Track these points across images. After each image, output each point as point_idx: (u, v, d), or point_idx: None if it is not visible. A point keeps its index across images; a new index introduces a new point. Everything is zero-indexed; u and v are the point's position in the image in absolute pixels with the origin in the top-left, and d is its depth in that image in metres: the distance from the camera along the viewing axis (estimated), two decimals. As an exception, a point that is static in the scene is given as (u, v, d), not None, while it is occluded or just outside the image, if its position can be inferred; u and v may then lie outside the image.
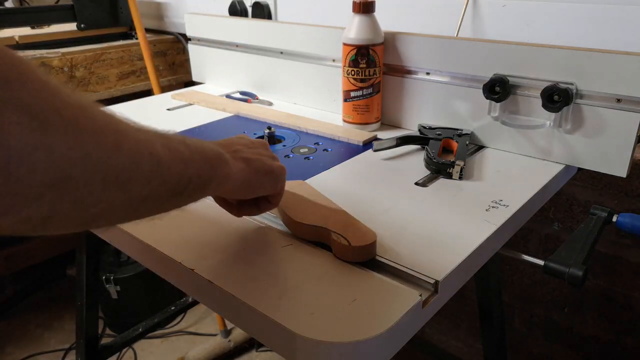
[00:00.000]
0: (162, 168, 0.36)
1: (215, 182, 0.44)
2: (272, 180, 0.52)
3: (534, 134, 0.76)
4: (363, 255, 0.51)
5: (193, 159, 0.40)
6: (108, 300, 1.68)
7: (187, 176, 0.39)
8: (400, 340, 0.45)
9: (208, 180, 0.42)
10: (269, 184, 0.52)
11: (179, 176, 0.38)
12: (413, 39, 0.85)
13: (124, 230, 0.58)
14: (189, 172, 0.39)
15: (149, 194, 0.35)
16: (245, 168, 0.48)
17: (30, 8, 1.66)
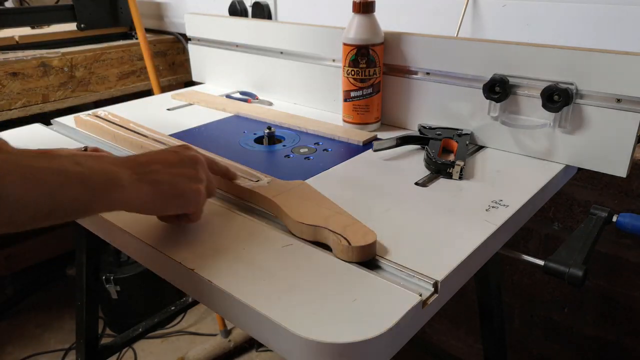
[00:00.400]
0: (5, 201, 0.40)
1: (98, 205, 0.47)
2: (183, 203, 0.53)
3: (534, 134, 0.76)
4: (363, 256, 0.51)
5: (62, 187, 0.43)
6: (108, 300, 1.68)
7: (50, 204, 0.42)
8: (400, 340, 0.45)
9: (86, 204, 0.45)
10: (178, 207, 0.53)
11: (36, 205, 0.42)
12: (413, 39, 0.85)
13: (124, 230, 0.58)
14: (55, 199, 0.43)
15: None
16: (150, 191, 0.50)
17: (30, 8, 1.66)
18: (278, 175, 0.68)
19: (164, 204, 0.52)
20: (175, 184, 0.52)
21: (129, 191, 0.48)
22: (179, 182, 0.52)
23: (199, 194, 0.54)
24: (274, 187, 0.64)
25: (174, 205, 0.53)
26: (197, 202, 0.54)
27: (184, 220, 0.56)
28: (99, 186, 0.46)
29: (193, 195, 0.53)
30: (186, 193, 0.53)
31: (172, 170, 0.53)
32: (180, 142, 0.64)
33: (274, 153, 0.83)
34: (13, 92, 1.25)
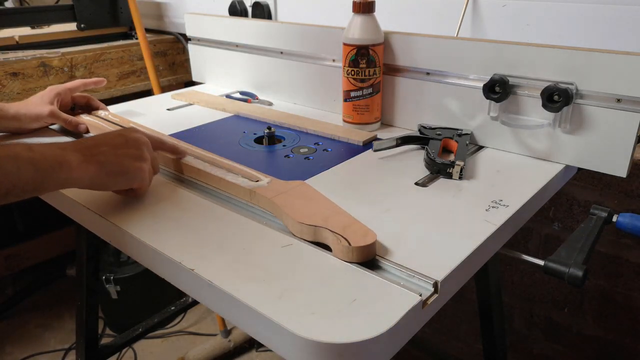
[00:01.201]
0: None
1: (50, 185, 0.54)
2: (127, 179, 0.61)
3: (534, 134, 0.76)
4: (363, 256, 0.51)
5: (19, 171, 0.51)
6: (108, 300, 1.68)
7: (6, 186, 0.50)
8: (400, 340, 0.45)
9: (39, 184, 0.53)
10: (124, 183, 0.61)
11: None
12: (413, 39, 0.85)
13: (124, 230, 0.58)
14: (11, 181, 0.50)
15: None
16: (96, 170, 0.58)
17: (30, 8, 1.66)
18: (278, 175, 0.68)
19: (110, 181, 0.60)
20: (120, 163, 0.60)
21: (77, 171, 0.56)
22: (123, 161, 0.60)
23: (142, 171, 0.62)
24: (274, 187, 0.64)
25: (119, 182, 0.61)
26: (141, 178, 0.62)
27: (131, 193, 0.64)
28: (49, 168, 0.53)
29: (137, 173, 0.61)
30: (130, 171, 0.61)
31: (117, 152, 0.60)
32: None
33: (274, 153, 0.83)
34: (13, 92, 1.25)
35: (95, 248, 1.08)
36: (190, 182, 0.71)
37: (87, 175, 0.57)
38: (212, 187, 0.69)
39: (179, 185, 0.70)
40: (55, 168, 0.54)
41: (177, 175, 0.73)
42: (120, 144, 0.61)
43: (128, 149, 0.61)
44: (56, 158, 0.54)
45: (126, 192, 0.64)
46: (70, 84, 0.93)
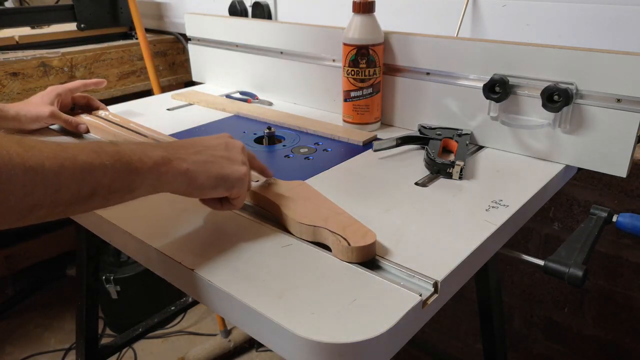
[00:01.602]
0: (46, 179, 0.39)
1: (143, 186, 0.46)
2: (227, 184, 0.53)
3: (534, 134, 0.76)
4: (363, 256, 0.51)
5: (104, 167, 0.43)
6: (108, 300, 1.68)
7: (92, 184, 0.42)
8: (400, 340, 0.45)
9: (129, 184, 0.45)
10: (223, 188, 0.53)
11: (79, 184, 0.41)
12: (413, 39, 0.85)
13: (124, 230, 0.58)
14: (95, 179, 0.42)
15: (36, 202, 0.39)
16: (194, 172, 0.50)
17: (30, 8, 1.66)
18: (278, 175, 0.68)
19: (209, 185, 0.52)
20: (221, 166, 0.52)
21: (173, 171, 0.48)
22: (224, 164, 0.53)
23: (245, 177, 0.54)
24: (274, 187, 0.64)
25: (218, 187, 0.52)
26: (241, 185, 0.54)
27: (226, 205, 0.56)
28: (138, 163, 0.45)
29: (238, 178, 0.53)
30: (231, 175, 0.53)
31: (216, 153, 0.53)
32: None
33: (274, 153, 0.83)
34: (13, 92, 1.25)
35: (95, 248, 1.08)
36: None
37: (184, 176, 0.49)
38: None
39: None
40: (148, 165, 0.46)
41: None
42: (218, 146, 0.55)
43: (228, 152, 0.54)
44: (147, 153, 0.47)
45: (221, 203, 0.56)
46: (70, 84, 0.93)
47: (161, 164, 0.47)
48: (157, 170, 0.47)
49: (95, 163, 0.42)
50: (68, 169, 0.40)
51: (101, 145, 0.44)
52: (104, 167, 0.43)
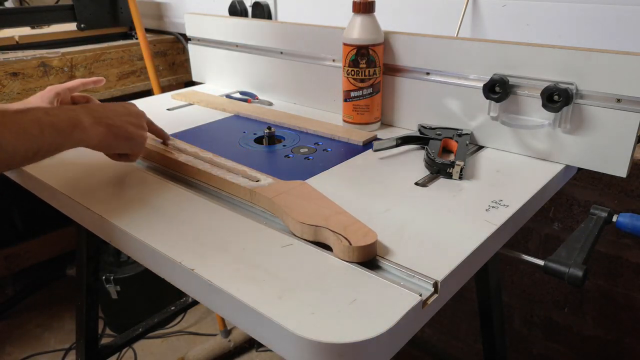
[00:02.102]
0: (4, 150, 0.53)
1: (68, 144, 0.60)
2: (130, 144, 0.67)
3: (534, 134, 0.76)
4: (364, 256, 0.51)
5: (43, 134, 0.56)
6: (108, 300, 1.68)
7: (34, 148, 0.56)
8: (400, 340, 0.45)
9: (60, 145, 0.59)
10: (126, 147, 0.67)
11: (25, 150, 0.55)
12: (413, 39, 0.85)
13: (124, 230, 0.58)
14: (37, 144, 0.56)
15: None
16: (105, 132, 0.63)
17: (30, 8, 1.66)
18: (278, 175, 0.68)
19: (115, 143, 0.65)
20: (125, 128, 0.66)
21: (89, 131, 0.62)
22: (128, 127, 0.67)
23: (143, 138, 0.70)
24: (274, 187, 0.64)
25: (123, 145, 0.67)
26: (141, 145, 0.69)
27: (124, 158, 0.70)
28: (67, 129, 0.59)
29: (138, 139, 0.68)
30: (134, 136, 0.67)
31: (122, 118, 0.67)
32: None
33: (274, 153, 0.83)
34: (13, 92, 1.25)
35: (95, 248, 1.08)
36: (190, 182, 0.71)
37: (97, 136, 0.62)
38: (212, 187, 0.69)
39: (179, 185, 0.70)
40: (72, 129, 0.60)
41: (177, 175, 0.73)
42: (124, 112, 0.68)
43: (130, 117, 0.68)
44: (72, 120, 0.60)
45: (120, 157, 0.70)
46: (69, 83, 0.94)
47: (83, 128, 0.61)
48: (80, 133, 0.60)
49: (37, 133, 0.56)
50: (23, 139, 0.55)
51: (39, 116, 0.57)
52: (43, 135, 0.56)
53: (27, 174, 0.75)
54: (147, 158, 0.78)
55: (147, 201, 0.65)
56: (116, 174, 0.73)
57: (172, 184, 0.70)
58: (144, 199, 0.66)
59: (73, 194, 0.67)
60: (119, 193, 0.68)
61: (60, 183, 0.70)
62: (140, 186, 0.69)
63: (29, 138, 0.55)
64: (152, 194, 0.67)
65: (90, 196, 0.66)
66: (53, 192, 0.70)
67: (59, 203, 0.71)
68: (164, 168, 0.76)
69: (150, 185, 0.70)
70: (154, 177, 0.72)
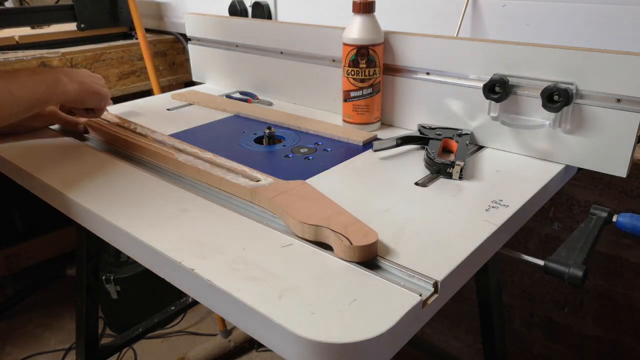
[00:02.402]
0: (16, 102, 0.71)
1: (54, 97, 0.77)
2: (98, 98, 0.84)
3: (534, 134, 0.76)
4: (365, 255, 0.51)
5: (36, 87, 0.73)
6: (108, 300, 1.67)
7: (32, 98, 0.73)
8: (400, 340, 0.45)
9: (49, 97, 0.76)
10: (95, 100, 0.84)
11: (26, 99, 0.72)
12: (413, 39, 0.85)
13: (124, 230, 0.58)
14: (34, 95, 0.73)
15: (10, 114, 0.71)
16: (78, 87, 0.80)
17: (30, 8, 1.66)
18: (278, 175, 0.68)
19: (87, 98, 0.82)
20: (93, 85, 0.83)
21: (67, 87, 0.78)
22: (94, 85, 0.83)
23: (107, 95, 0.86)
24: (274, 187, 0.64)
25: (93, 100, 0.83)
26: (106, 100, 0.86)
27: (91, 114, 0.86)
28: (52, 84, 0.76)
29: (105, 95, 0.85)
30: (101, 92, 0.84)
31: (89, 78, 0.83)
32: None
33: (274, 153, 0.83)
34: (13, 92, 1.25)
35: (95, 248, 1.08)
36: (189, 182, 0.71)
37: (73, 91, 0.79)
38: (212, 187, 0.69)
39: (179, 185, 0.70)
40: (56, 84, 0.76)
41: (177, 175, 0.74)
42: (89, 74, 0.84)
43: (94, 79, 0.85)
44: (54, 77, 0.76)
45: (88, 113, 0.86)
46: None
47: (63, 84, 0.77)
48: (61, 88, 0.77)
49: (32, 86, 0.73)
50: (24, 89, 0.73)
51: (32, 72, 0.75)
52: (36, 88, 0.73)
53: (27, 173, 0.75)
54: (148, 158, 0.78)
55: (147, 201, 0.65)
56: (117, 174, 0.73)
57: (172, 184, 0.70)
58: (144, 199, 0.66)
59: (73, 194, 0.67)
60: (119, 193, 0.68)
61: (60, 183, 0.70)
62: (140, 187, 0.69)
63: (29, 89, 0.72)
64: (152, 194, 0.67)
65: (90, 196, 0.67)
66: (53, 192, 0.70)
67: (59, 203, 0.71)
68: (164, 168, 0.76)
69: (150, 185, 0.70)
70: (154, 178, 0.72)
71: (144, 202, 0.65)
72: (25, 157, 0.79)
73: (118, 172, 0.74)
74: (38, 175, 0.73)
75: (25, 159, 0.79)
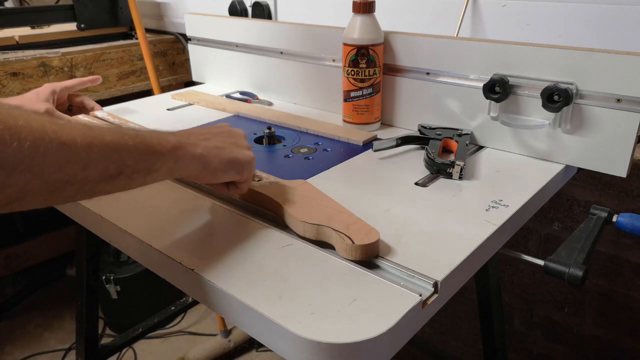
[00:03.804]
0: (77, 154, 0.40)
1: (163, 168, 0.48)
2: (237, 168, 0.55)
3: (534, 134, 0.76)
4: (367, 254, 0.51)
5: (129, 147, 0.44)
6: (108, 300, 1.68)
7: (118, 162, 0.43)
8: (400, 340, 0.45)
9: (150, 166, 0.47)
10: (233, 172, 0.55)
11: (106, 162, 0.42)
12: (413, 39, 0.85)
13: (124, 230, 0.58)
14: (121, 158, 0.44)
15: (68, 178, 0.40)
16: (207, 156, 0.52)
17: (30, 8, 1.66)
18: (278, 175, 0.68)
19: (221, 169, 0.53)
20: (231, 150, 0.55)
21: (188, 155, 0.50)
22: (233, 148, 0.55)
23: (253, 161, 0.58)
24: (276, 187, 0.64)
25: (230, 170, 0.55)
26: (250, 169, 0.57)
27: (232, 189, 0.58)
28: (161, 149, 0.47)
29: (248, 161, 0.57)
30: (240, 159, 0.55)
31: (225, 140, 0.56)
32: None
33: (274, 153, 0.83)
34: (13, 92, 1.25)
35: (95, 248, 1.08)
36: (189, 182, 0.71)
37: (199, 160, 0.51)
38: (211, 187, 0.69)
39: (179, 185, 0.70)
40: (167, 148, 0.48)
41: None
42: (224, 133, 0.57)
43: (234, 139, 0.57)
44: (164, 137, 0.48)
45: (228, 187, 0.58)
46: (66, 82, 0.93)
47: (178, 147, 0.49)
48: (175, 153, 0.49)
49: (121, 142, 0.44)
50: (97, 146, 0.41)
51: (123, 128, 0.46)
52: (128, 147, 0.44)
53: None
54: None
55: (147, 201, 0.65)
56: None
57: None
58: (144, 199, 0.66)
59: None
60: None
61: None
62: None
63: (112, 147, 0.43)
64: (152, 194, 0.67)
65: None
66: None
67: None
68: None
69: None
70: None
71: (144, 202, 0.65)
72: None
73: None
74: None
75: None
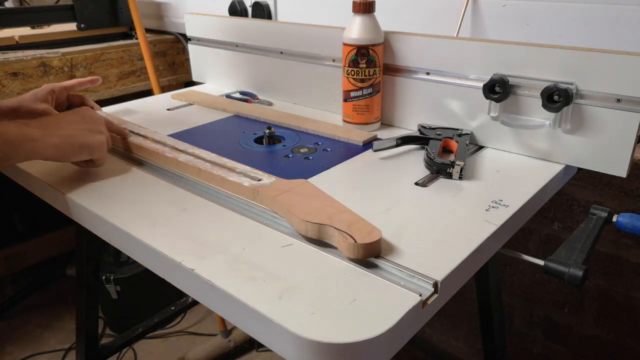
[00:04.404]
0: None
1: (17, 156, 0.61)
2: (89, 150, 0.68)
3: (534, 134, 0.76)
4: (369, 253, 0.51)
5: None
6: (108, 300, 1.68)
7: None
8: (400, 340, 0.45)
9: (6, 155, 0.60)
10: (85, 154, 0.68)
11: None
12: (413, 39, 0.85)
13: (124, 230, 0.58)
14: None
15: None
16: (58, 143, 0.65)
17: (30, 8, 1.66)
18: (278, 175, 0.68)
19: (73, 152, 0.67)
20: (80, 136, 0.67)
21: (40, 143, 0.63)
22: (83, 134, 0.68)
23: (102, 144, 0.70)
24: (277, 186, 0.64)
25: (81, 153, 0.68)
26: (102, 150, 0.70)
27: (90, 165, 0.71)
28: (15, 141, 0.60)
29: (97, 145, 0.69)
30: (91, 144, 0.68)
31: (76, 126, 0.68)
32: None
33: (274, 153, 0.83)
34: (13, 92, 1.25)
35: (95, 248, 1.08)
36: (189, 182, 0.71)
37: (50, 147, 0.64)
38: (211, 187, 0.69)
39: (179, 185, 0.70)
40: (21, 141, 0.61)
41: (177, 176, 0.73)
42: (78, 120, 0.69)
43: (88, 124, 0.69)
44: (20, 132, 0.62)
45: (86, 163, 0.71)
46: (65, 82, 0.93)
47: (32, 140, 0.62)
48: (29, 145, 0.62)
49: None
50: None
51: None
52: None
53: (27, 173, 0.75)
54: (148, 158, 0.78)
55: (147, 201, 0.65)
56: (116, 175, 0.73)
57: (171, 184, 0.70)
58: (144, 199, 0.66)
59: (73, 194, 0.67)
60: (119, 194, 0.68)
61: (60, 183, 0.70)
62: (140, 187, 0.69)
63: None
64: (152, 194, 0.67)
65: (90, 196, 0.67)
66: (53, 192, 0.70)
67: (59, 203, 0.71)
68: (164, 168, 0.76)
69: (150, 185, 0.70)
70: (154, 178, 0.72)
71: (144, 202, 0.65)
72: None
73: (118, 173, 0.74)
74: (38, 175, 0.73)
75: (25, 159, 0.79)
